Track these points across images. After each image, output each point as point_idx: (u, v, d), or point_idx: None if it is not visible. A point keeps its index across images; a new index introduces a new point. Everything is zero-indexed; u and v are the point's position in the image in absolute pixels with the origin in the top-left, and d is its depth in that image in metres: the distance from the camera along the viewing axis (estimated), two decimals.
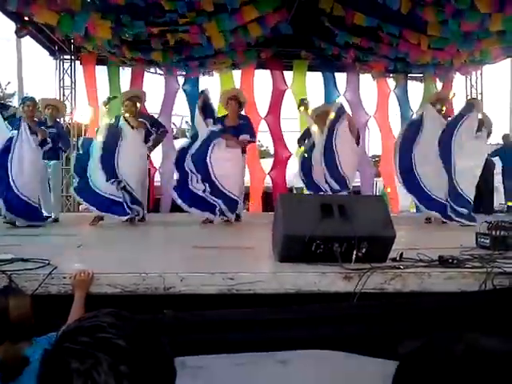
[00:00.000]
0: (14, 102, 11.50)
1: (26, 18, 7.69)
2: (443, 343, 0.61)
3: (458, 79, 10.89)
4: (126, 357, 0.72)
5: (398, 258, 3.07)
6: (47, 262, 2.84)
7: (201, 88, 10.05)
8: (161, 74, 9.83)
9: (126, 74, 9.85)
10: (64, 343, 0.75)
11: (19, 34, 8.13)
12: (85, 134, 9.15)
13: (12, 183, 5.54)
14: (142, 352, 0.74)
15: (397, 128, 10.75)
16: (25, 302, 2.03)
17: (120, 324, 0.77)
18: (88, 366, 0.70)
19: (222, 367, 2.43)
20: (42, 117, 6.67)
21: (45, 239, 4.60)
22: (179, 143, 9.00)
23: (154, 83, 10.02)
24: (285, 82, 10.39)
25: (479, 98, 10.97)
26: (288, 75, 10.46)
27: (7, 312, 1.96)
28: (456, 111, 6.67)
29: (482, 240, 3.61)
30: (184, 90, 10.02)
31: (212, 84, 10.20)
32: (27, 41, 8.73)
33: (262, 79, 10.51)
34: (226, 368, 2.42)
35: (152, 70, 9.75)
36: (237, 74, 10.21)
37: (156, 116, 9.74)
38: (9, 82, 21.39)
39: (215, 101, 6.75)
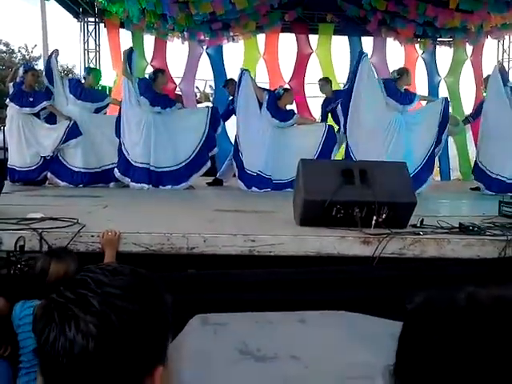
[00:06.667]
0: (40, 65, 11.52)
1: None
2: (445, 294, 0.63)
3: (489, 43, 10.52)
4: (97, 316, 0.71)
5: (418, 225, 3.09)
6: (75, 220, 2.95)
7: (225, 52, 9.96)
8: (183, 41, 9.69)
9: (150, 38, 9.79)
10: (52, 294, 0.75)
11: None
12: None
13: None
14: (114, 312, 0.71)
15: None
16: (65, 268, 2.14)
17: (107, 281, 0.75)
18: (64, 320, 0.71)
19: (243, 324, 2.52)
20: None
21: (72, 200, 4.72)
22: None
23: (177, 47, 9.93)
24: (310, 46, 10.19)
25: (511, 63, 10.62)
26: (313, 39, 10.25)
27: (47, 273, 2.12)
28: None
29: (505, 209, 3.59)
30: (208, 54, 9.93)
31: (236, 50, 10.08)
32: (52, 4, 8.71)
33: (287, 43, 10.33)
34: (247, 325, 2.51)
35: (175, 38, 9.63)
36: (261, 38, 10.05)
37: (179, 80, 9.76)
38: (35, 45, 21.44)
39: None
